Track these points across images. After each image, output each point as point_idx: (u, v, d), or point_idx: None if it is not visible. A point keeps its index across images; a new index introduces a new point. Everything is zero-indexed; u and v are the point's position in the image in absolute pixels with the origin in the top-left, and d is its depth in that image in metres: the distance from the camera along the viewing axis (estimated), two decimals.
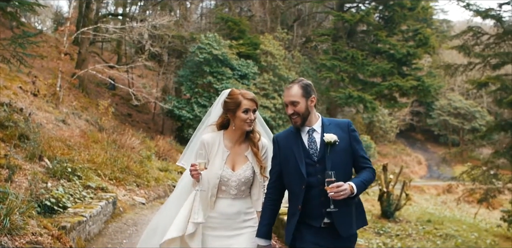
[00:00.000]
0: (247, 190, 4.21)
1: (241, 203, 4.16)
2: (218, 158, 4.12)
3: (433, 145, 49.42)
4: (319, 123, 4.03)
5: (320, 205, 3.84)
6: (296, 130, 4.04)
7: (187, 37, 27.82)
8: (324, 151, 3.89)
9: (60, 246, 5.99)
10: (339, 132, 3.95)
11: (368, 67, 29.92)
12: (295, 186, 3.94)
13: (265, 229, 4.03)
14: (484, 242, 17.75)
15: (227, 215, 4.09)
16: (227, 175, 4.09)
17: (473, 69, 17.22)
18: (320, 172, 3.84)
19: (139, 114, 29.66)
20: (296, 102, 3.93)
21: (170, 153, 20.69)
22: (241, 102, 4.08)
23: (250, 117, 4.10)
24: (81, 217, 7.54)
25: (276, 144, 4.11)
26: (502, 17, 16.71)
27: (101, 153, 14.26)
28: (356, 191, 3.77)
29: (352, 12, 32.83)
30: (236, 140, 4.20)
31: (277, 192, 4.09)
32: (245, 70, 26.32)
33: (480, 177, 17.03)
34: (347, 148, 3.94)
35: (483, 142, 19.17)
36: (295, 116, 3.95)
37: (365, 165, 4.03)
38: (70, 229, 6.76)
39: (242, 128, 4.14)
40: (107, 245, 8.06)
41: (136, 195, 13.15)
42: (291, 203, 4.03)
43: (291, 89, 3.97)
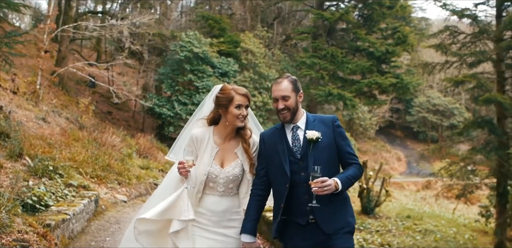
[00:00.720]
0: (235, 188, 4.14)
1: (229, 201, 4.10)
2: (207, 154, 4.07)
3: (412, 142, 49.89)
4: (303, 119, 4.02)
5: (304, 202, 3.82)
6: (281, 128, 4.04)
7: (168, 35, 27.81)
8: (307, 148, 3.88)
9: (46, 243, 6.06)
10: (323, 128, 3.93)
11: (348, 65, 30.12)
12: (279, 184, 3.94)
13: (251, 225, 3.98)
14: (463, 237, 18.05)
15: (214, 212, 4.03)
16: (215, 172, 4.03)
17: (450, 67, 17.49)
18: (303, 169, 3.84)
19: (119, 112, 29.56)
20: (287, 97, 3.91)
21: (150, 151, 20.67)
22: (233, 98, 4.03)
23: (243, 113, 4.04)
24: (65, 215, 7.58)
25: (262, 141, 4.10)
26: (477, 17, 17.01)
27: (82, 151, 14.24)
28: (341, 187, 3.74)
29: (332, 11, 33.02)
30: (226, 136, 4.14)
31: (263, 188, 4.05)
32: (225, 68, 26.39)
33: (457, 173, 17.30)
34: (331, 144, 3.91)
35: (461, 138, 19.45)
36: (285, 111, 3.93)
37: (352, 161, 4.00)
38: (54, 227, 6.81)
39: (234, 124, 4.07)
40: (91, 243, 8.11)
41: (117, 193, 13.17)
42: (275, 200, 4.04)
43: (281, 84, 3.95)
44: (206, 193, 4.07)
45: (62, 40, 24.42)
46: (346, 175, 3.85)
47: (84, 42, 38.02)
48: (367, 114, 42.03)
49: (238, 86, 4.13)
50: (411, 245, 16.02)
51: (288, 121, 3.97)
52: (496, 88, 16.66)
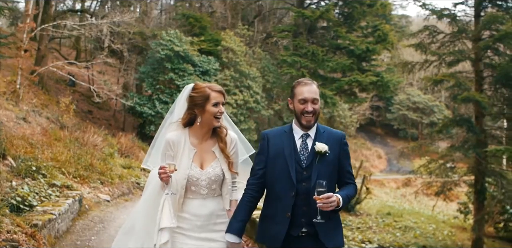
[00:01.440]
0: (218, 189, 4.01)
1: (214, 203, 3.98)
2: (185, 157, 3.93)
3: (392, 139, 50.28)
4: (314, 129, 3.90)
5: (301, 214, 3.75)
6: (289, 132, 3.93)
7: (148, 33, 27.74)
8: (313, 160, 3.79)
9: (35, 243, 6.13)
10: (331, 143, 3.84)
11: (328, 63, 30.22)
12: (282, 191, 3.82)
13: (238, 226, 3.86)
14: (442, 233, 18.34)
15: (199, 216, 3.91)
16: (195, 175, 3.90)
17: (430, 66, 17.71)
18: (305, 180, 3.76)
19: (99, 111, 29.41)
20: (316, 100, 3.82)
21: (132, 150, 20.68)
22: (209, 95, 3.89)
23: (221, 110, 3.92)
24: (51, 215, 7.64)
25: (266, 140, 3.96)
26: (456, 16, 17.23)
27: (64, 151, 14.25)
28: (342, 204, 3.67)
29: (312, 9, 33.06)
30: (203, 137, 4.01)
31: (258, 189, 3.95)
32: (206, 66, 26.40)
33: (436, 171, 17.55)
34: (335, 161, 3.83)
35: (441, 136, 19.68)
36: (311, 115, 3.81)
37: (349, 181, 3.94)
38: (41, 227, 6.87)
39: (210, 123, 3.94)
40: (76, 242, 8.17)
41: (100, 193, 13.19)
42: (269, 204, 3.93)
43: (311, 86, 3.85)
44: (189, 198, 3.95)
45: (41, 39, 24.23)
46: (346, 193, 3.80)
47: (63, 40, 37.70)
48: (347, 111, 42.28)
49: (220, 83, 4.05)
50: (391, 241, 16.25)
51: (312, 125, 3.86)
52: (475, 87, 16.91)
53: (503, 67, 15.77)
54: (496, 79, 16.44)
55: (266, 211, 3.94)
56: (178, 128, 4.03)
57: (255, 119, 29.49)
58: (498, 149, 9.98)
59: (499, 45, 16.48)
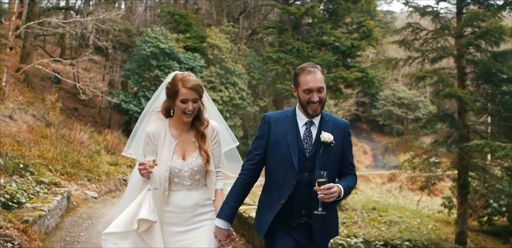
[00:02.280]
0: (202, 179, 3.94)
1: (198, 193, 3.90)
2: (166, 149, 3.84)
3: (378, 135, 50.49)
4: (318, 116, 3.73)
5: (302, 204, 3.64)
6: (292, 117, 3.76)
7: (134, 30, 27.73)
8: (317, 149, 3.65)
9: (27, 238, 6.24)
10: (336, 132, 3.69)
11: (314, 59, 30.25)
12: (280, 178, 3.68)
13: (229, 212, 3.75)
14: (426, 227, 18.58)
15: (184, 208, 3.84)
16: (177, 166, 3.82)
17: (413, 62, 17.95)
18: (308, 170, 3.61)
19: (85, 108, 29.38)
20: (322, 88, 3.62)
21: (118, 147, 20.70)
22: (178, 91, 3.74)
23: (188, 108, 3.76)
24: (41, 211, 7.74)
25: (267, 124, 3.78)
26: (439, 13, 17.46)
27: (51, 148, 14.34)
28: (342, 195, 3.57)
29: (298, 5, 33.12)
30: (183, 128, 3.91)
31: (253, 175, 3.81)
32: (192, 63, 26.48)
33: (420, 166, 17.81)
34: (339, 151, 3.71)
35: (426, 131, 19.92)
36: (317, 104, 3.63)
37: (350, 172, 3.83)
38: (32, 223, 6.97)
39: (181, 119, 3.85)
40: (66, 238, 8.26)
41: (88, 190, 13.29)
42: (268, 193, 3.80)
43: (316, 74, 3.64)
44: (172, 190, 3.87)
45: (26, 36, 24.17)
46: (348, 184, 3.67)
47: (48, 37, 37.53)
48: (333, 107, 42.41)
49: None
50: (376, 236, 16.44)
51: (318, 113, 3.69)
52: (457, 83, 17.16)
53: (484, 64, 16.04)
54: (478, 75, 16.71)
55: (264, 200, 3.83)
56: (159, 119, 3.93)
57: (241, 116, 29.64)
58: (479, 144, 10.22)
59: (481, 41, 16.72)
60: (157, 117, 3.93)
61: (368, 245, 15.69)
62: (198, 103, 3.82)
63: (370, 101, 49.68)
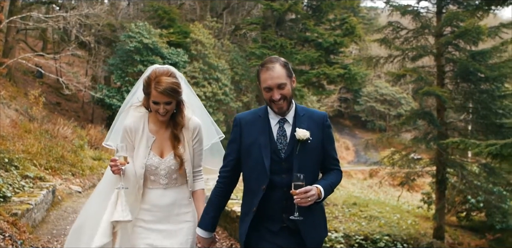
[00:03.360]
0: (180, 178, 3.76)
1: (175, 193, 3.74)
2: (143, 145, 3.68)
3: (360, 131, 50.76)
4: (292, 112, 3.52)
5: (281, 208, 3.45)
6: (264, 116, 3.54)
7: (117, 25, 27.72)
8: (293, 148, 3.43)
9: (17, 230, 6.39)
10: (313, 127, 3.47)
11: (297, 55, 30.54)
12: (253, 183, 3.51)
13: (210, 222, 3.62)
14: (406, 222, 18.87)
15: (160, 207, 3.69)
16: (154, 163, 3.65)
17: (394, 61, 18.26)
18: (285, 171, 3.42)
19: (68, 103, 29.32)
20: (283, 84, 3.38)
21: (102, 142, 20.48)
22: (150, 92, 3.55)
23: (160, 110, 3.57)
24: (28, 205, 7.90)
25: (239, 127, 3.59)
26: (420, 13, 17.78)
27: (35, 143, 14.42)
28: (323, 196, 3.39)
29: (281, 1, 33.24)
30: (162, 123, 3.73)
31: (230, 182, 3.66)
32: (175, 58, 26.56)
33: (399, 162, 18.16)
34: (318, 146, 3.49)
35: (408, 127, 20.23)
36: (282, 101, 3.40)
37: (334, 167, 3.64)
38: (20, 216, 7.12)
39: (156, 117, 3.68)
40: (52, 231, 8.42)
41: (72, 184, 13.43)
42: (246, 200, 3.62)
43: (274, 70, 3.39)
44: (148, 188, 3.71)
45: (9, 30, 24.05)
46: (329, 182, 3.51)
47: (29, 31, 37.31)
48: (316, 103, 42.65)
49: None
50: (356, 230, 16.67)
51: (285, 111, 3.46)
52: (436, 81, 17.48)
53: (463, 63, 16.37)
54: (456, 74, 17.04)
55: (242, 207, 3.66)
56: (138, 113, 3.76)
57: (224, 111, 29.79)
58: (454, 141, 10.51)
59: (460, 41, 17.08)
60: (137, 111, 3.77)
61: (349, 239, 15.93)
62: (172, 105, 3.62)
63: (353, 97, 49.97)
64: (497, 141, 10.03)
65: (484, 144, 10.03)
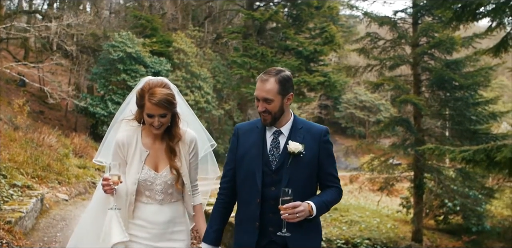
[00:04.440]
0: (176, 194, 3.64)
1: (171, 209, 3.63)
2: (136, 159, 3.55)
3: (341, 137, 51.07)
4: (288, 125, 3.47)
5: (269, 223, 3.37)
6: (262, 127, 3.48)
7: (100, 34, 27.96)
8: (284, 161, 3.36)
9: (13, 237, 6.68)
10: (309, 141, 3.41)
11: (278, 64, 30.70)
12: (247, 196, 3.45)
13: (214, 235, 3.53)
14: (385, 226, 19.28)
15: (154, 223, 3.56)
16: (149, 178, 3.53)
17: (372, 70, 18.79)
18: (275, 184, 3.35)
19: (51, 111, 29.42)
20: (269, 100, 3.32)
21: (86, 150, 20.98)
22: (144, 105, 3.43)
23: (154, 123, 3.44)
24: (20, 213, 8.16)
25: (236, 136, 3.58)
26: (397, 24, 18.34)
27: (21, 152, 14.51)
28: (316, 213, 3.28)
29: (262, 11, 33.69)
30: (156, 136, 3.60)
31: (230, 193, 3.59)
32: (158, 67, 26.86)
33: (378, 168, 18.66)
34: (313, 162, 3.41)
35: (388, 133, 20.69)
36: (266, 114, 3.36)
37: (331, 184, 3.51)
38: (14, 224, 7.40)
39: (150, 130, 3.55)
40: (44, 239, 8.69)
41: (58, 192, 13.60)
42: (238, 210, 3.59)
43: (266, 83, 3.34)
44: (143, 202, 3.58)
45: None
46: (323, 199, 3.39)
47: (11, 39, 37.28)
48: (296, 110, 42.97)
49: (162, 93, 3.42)
50: (338, 235, 17.02)
51: (268, 124, 3.41)
52: (413, 89, 18.02)
53: (438, 71, 16.92)
54: (432, 82, 17.58)
55: (236, 217, 3.61)
56: (131, 127, 3.64)
57: (206, 119, 30.07)
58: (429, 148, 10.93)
59: (435, 51, 17.70)
60: (130, 124, 3.64)
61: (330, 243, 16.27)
62: (167, 118, 3.49)
63: (333, 104, 50.38)
64: (470, 147, 10.42)
65: (457, 150, 10.45)
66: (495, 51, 9.87)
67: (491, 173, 12.95)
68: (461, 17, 9.20)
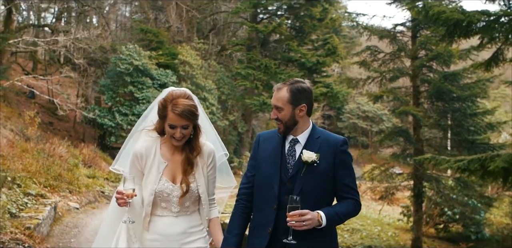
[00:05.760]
0: (192, 206, 3.60)
1: (186, 221, 3.57)
2: (154, 170, 3.51)
3: None
4: (305, 134, 3.50)
5: (281, 230, 3.34)
6: (282, 136, 3.52)
7: (108, 48, 28.51)
8: (299, 170, 3.38)
9: (33, 242, 7.20)
10: (325, 150, 3.41)
11: (281, 75, 31.20)
12: (262, 202, 3.47)
13: (235, 241, 3.48)
14: (386, 234, 19.68)
15: (169, 236, 3.50)
16: (166, 190, 3.48)
17: (372, 82, 19.32)
18: (289, 192, 3.33)
19: (60, 123, 29.92)
20: (280, 108, 3.40)
21: (95, 160, 21.45)
22: (167, 115, 3.40)
23: (176, 135, 3.41)
24: (37, 220, 8.69)
25: (257, 143, 3.62)
26: (396, 37, 18.89)
27: (33, 162, 14.98)
28: (326, 223, 3.25)
29: (265, 23, 34.11)
30: (176, 147, 3.56)
31: (251, 199, 3.58)
32: (164, 79, 27.33)
33: (378, 177, 19.12)
34: (328, 172, 3.39)
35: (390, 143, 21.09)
36: (278, 122, 3.43)
37: (347, 196, 3.45)
38: (33, 229, 7.92)
39: (171, 142, 3.51)
40: (59, 244, 9.21)
41: (70, 201, 14.11)
42: (253, 216, 3.58)
43: (279, 92, 3.42)
44: (158, 215, 3.54)
45: (3, 53, 24.82)
46: (336, 210, 3.36)
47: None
48: None
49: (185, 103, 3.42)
50: (339, 242, 17.34)
51: (281, 132, 3.47)
52: (413, 100, 18.51)
53: (436, 83, 17.44)
54: (430, 94, 18.08)
55: (250, 223, 3.62)
56: (150, 138, 3.60)
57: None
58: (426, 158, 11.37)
59: (433, 63, 18.24)
60: (148, 135, 3.62)
61: None
62: (189, 130, 3.47)
63: (336, 114, 50.55)
64: (465, 157, 10.76)
65: (453, 159, 10.81)
66: (486, 66, 10.38)
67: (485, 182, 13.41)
68: (453, 34, 9.68)
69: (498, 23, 9.35)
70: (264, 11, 35.78)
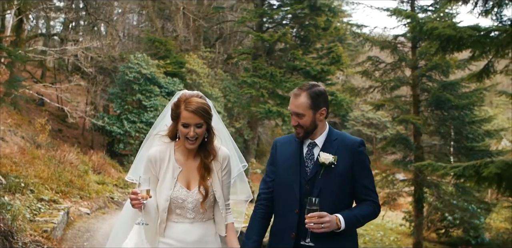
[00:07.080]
0: (208, 213, 3.54)
1: (202, 228, 3.51)
2: (169, 176, 3.46)
3: None
4: (322, 137, 3.51)
5: (302, 233, 3.36)
6: (299, 140, 3.54)
7: (116, 56, 29.04)
8: (317, 172, 3.40)
9: (50, 244, 7.72)
10: (342, 152, 3.42)
11: (286, 83, 31.55)
12: (284, 206, 3.49)
13: (253, 246, 3.48)
14: (388, 239, 20.10)
15: (185, 242, 3.44)
16: (181, 196, 3.43)
17: (374, 91, 19.87)
18: (309, 194, 3.34)
19: (69, 130, 30.45)
20: (301, 115, 3.40)
21: (104, 167, 21.92)
22: (180, 114, 3.36)
23: (189, 134, 3.34)
24: (52, 223, 9.22)
25: (275, 149, 3.66)
26: (397, 47, 19.42)
27: (45, 168, 15.43)
28: (344, 226, 3.24)
29: (271, 32, 34.41)
30: (190, 153, 3.52)
31: (270, 204, 3.59)
32: (171, 87, 27.77)
33: (379, 183, 19.59)
34: (346, 173, 3.40)
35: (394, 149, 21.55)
36: (298, 128, 3.45)
37: (366, 198, 3.46)
38: (49, 232, 8.45)
39: (184, 144, 3.45)
40: (73, 247, 9.73)
41: (81, 206, 14.60)
42: (275, 221, 3.60)
43: (298, 98, 3.41)
44: (173, 221, 3.48)
45: (14, 62, 25.41)
46: (355, 213, 3.36)
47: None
48: None
49: (198, 101, 3.39)
50: None
51: (300, 138, 3.49)
52: (413, 109, 19.05)
53: (435, 92, 18.00)
54: (430, 102, 18.62)
55: (272, 229, 3.64)
56: (163, 143, 3.55)
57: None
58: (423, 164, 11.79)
59: (431, 73, 18.80)
60: (161, 140, 3.57)
61: None
62: (203, 129, 3.41)
63: (341, 121, 50.79)
64: (460, 163, 11.18)
65: (449, 166, 11.21)
66: (478, 77, 10.88)
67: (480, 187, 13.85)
68: (446, 48, 10.18)
69: (489, 38, 9.84)
70: (269, 21, 36.19)
